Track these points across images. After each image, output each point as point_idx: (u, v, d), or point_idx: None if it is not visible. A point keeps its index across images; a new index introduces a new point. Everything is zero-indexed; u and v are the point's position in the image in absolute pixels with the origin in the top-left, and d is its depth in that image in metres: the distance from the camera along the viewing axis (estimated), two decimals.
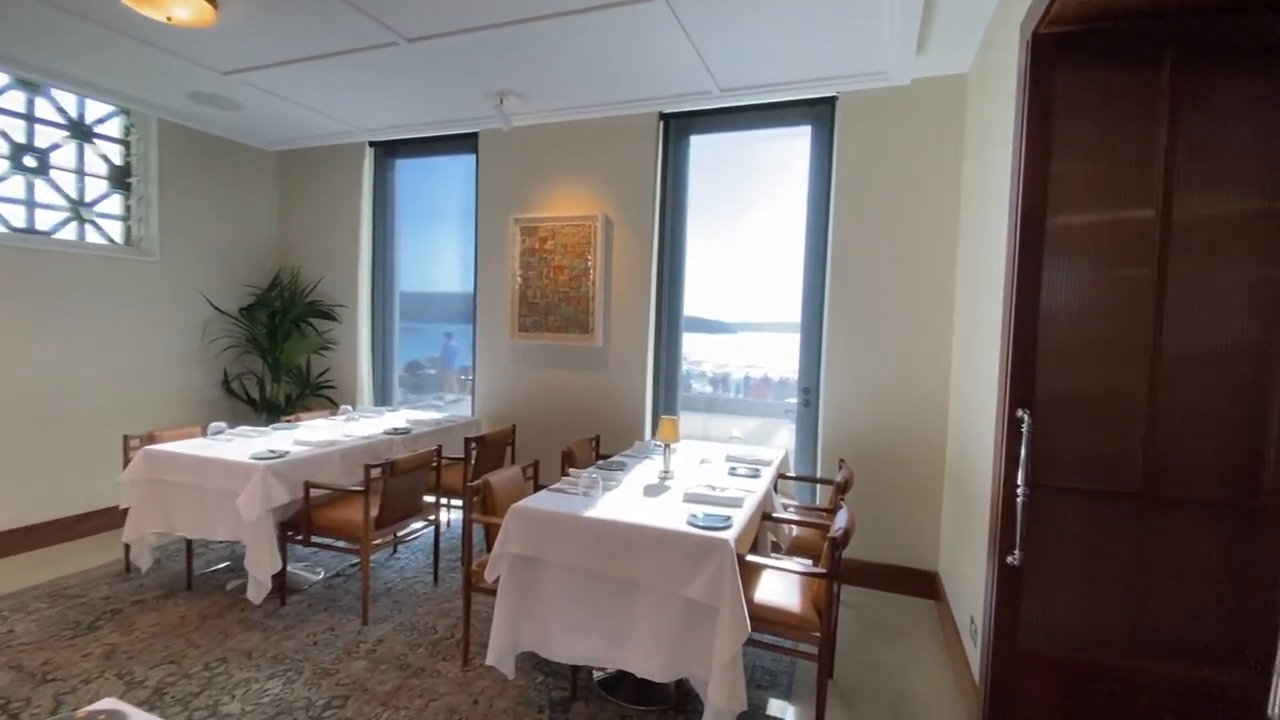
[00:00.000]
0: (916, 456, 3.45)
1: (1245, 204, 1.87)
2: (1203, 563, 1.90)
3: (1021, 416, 1.95)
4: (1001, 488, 2.04)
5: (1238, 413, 1.86)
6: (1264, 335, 1.83)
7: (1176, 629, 1.94)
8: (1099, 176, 1.96)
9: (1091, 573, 2.00)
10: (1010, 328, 2.03)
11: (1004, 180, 2.27)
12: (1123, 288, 1.93)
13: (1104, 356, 1.94)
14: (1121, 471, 1.93)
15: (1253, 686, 1.86)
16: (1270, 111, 1.82)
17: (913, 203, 3.43)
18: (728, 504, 2.41)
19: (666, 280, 4.15)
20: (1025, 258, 1.99)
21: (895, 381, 3.48)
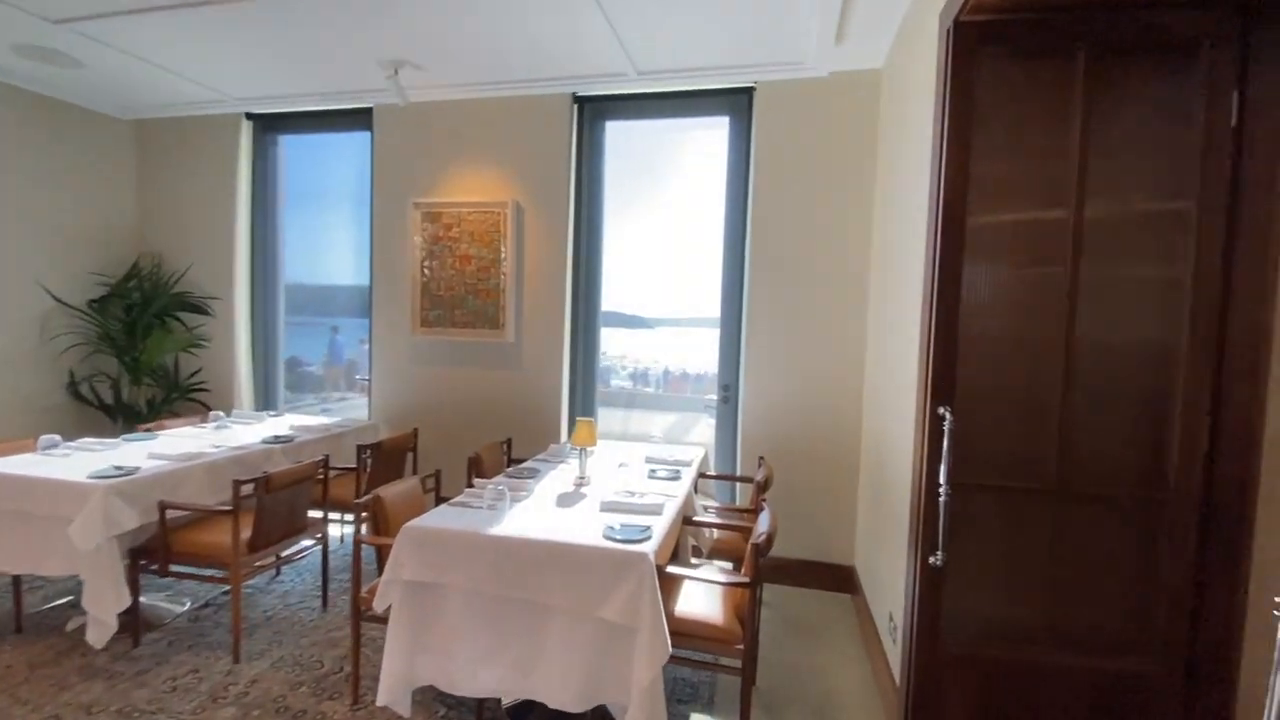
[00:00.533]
0: (833, 452, 3.45)
1: (1150, 205, 1.91)
2: (1114, 556, 1.94)
3: (943, 414, 1.91)
4: (923, 487, 2.00)
5: (1144, 409, 1.90)
6: (1167, 334, 1.88)
7: (1090, 621, 1.97)
8: (1018, 176, 1.95)
9: (1009, 569, 2.00)
10: (931, 326, 1.98)
11: (922, 177, 2.24)
12: (1038, 287, 1.93)
13: (1021, 355, 1.93)
14: (1037, 468, 1.94)
15: (1160, 674, 1.92)
16: (1173, 111, 1.86)
17: (829, 199, 3.41)
18: (647, 512, 2.25)
19: (583, 272, 3.95)
20: (947, 256, 1.95)
21: (812, 377, 3.46)
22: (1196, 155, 1.83)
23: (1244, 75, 1.79)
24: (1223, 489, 1.85)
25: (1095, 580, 1.94)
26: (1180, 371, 1.85)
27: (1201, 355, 1.84)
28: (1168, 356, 1.87)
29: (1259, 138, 1.79)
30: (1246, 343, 1.82)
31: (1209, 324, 1.84)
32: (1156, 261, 1.88)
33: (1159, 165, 1.86)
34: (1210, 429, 1.85)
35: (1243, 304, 1.82)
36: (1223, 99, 1.80)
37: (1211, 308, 1.84)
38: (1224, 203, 1.82)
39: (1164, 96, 1.86)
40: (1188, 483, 1.86)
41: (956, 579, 2.01)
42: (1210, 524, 1.86)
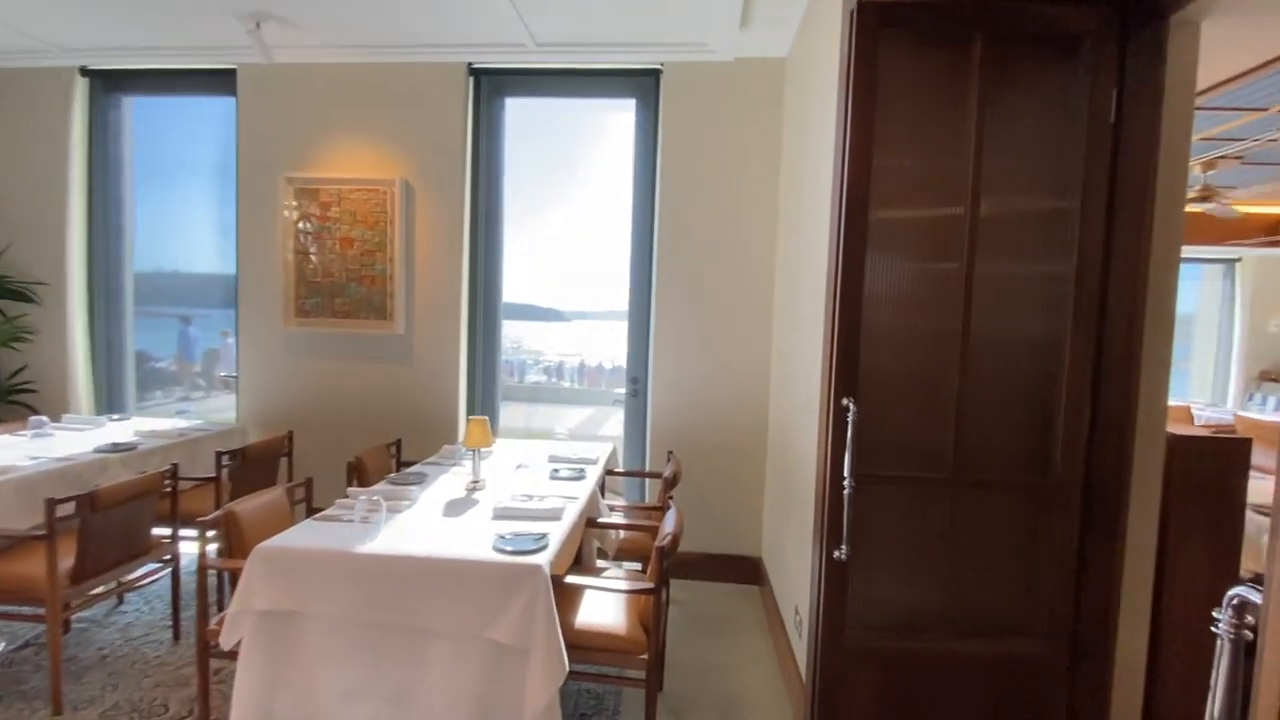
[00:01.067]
0: (740, 444, 3.41)
1: (1040, 201, 1.94)
2: (1006, 542, 1.97)
3: (847, 406, 1.87)
4: (827, 479, 1.95)
5: (1033, 398, 1.95)
6: (1054, 327, 1.92)
7: (985, 607, 2.00)
8: (919, 168, 1.93)
9: (911, 559, 2.00)
10: (835, 316, 1.93)
11: (826, 166, 2.18)
12: (936, 281, 1.92)
13: (922, 347, 1.92)
14: (936, 458, 1.93)
15: (1048, 654, 1.98)
16: (1061, 106, 1.90)
17: (737, 189, 3.35)
18: (544, 518, 2.08)
19: (482, 259, 3.68)
20: (850, 246, 1.90)
21: (721, 368, 3.41)
22: (1081, 151, 1.87)
23: (1123, 73, 1.85)
24: (1101, 473, 1.92)
25: (990, 566, 1.97)
26: (1065, 361, 1.91)
27: (1083, 345, 1.90)
28: (1055, 347, 1.92)
29: (1135, 134, 1.85)
30: (1122, 333, 1.89)
31: (1090, 316, 1.90)
32: (1046, 256, 1.92)
33: (1048, 159, 1.89)
34: (1090, 416, 1.92)
35: (1119, 296, 1.89)
36: (1103, 96, 1.85)
37: (1092, 300, 1.90)
38: (1105, 199, 1.88)
39: (1053, 91, 1.89)
40: (1071, 468, 1.92)
41: (861, 571, 1.99)
42: (1090, 507, 1.93)
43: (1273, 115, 3.79)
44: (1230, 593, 0.84)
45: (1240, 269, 7.21)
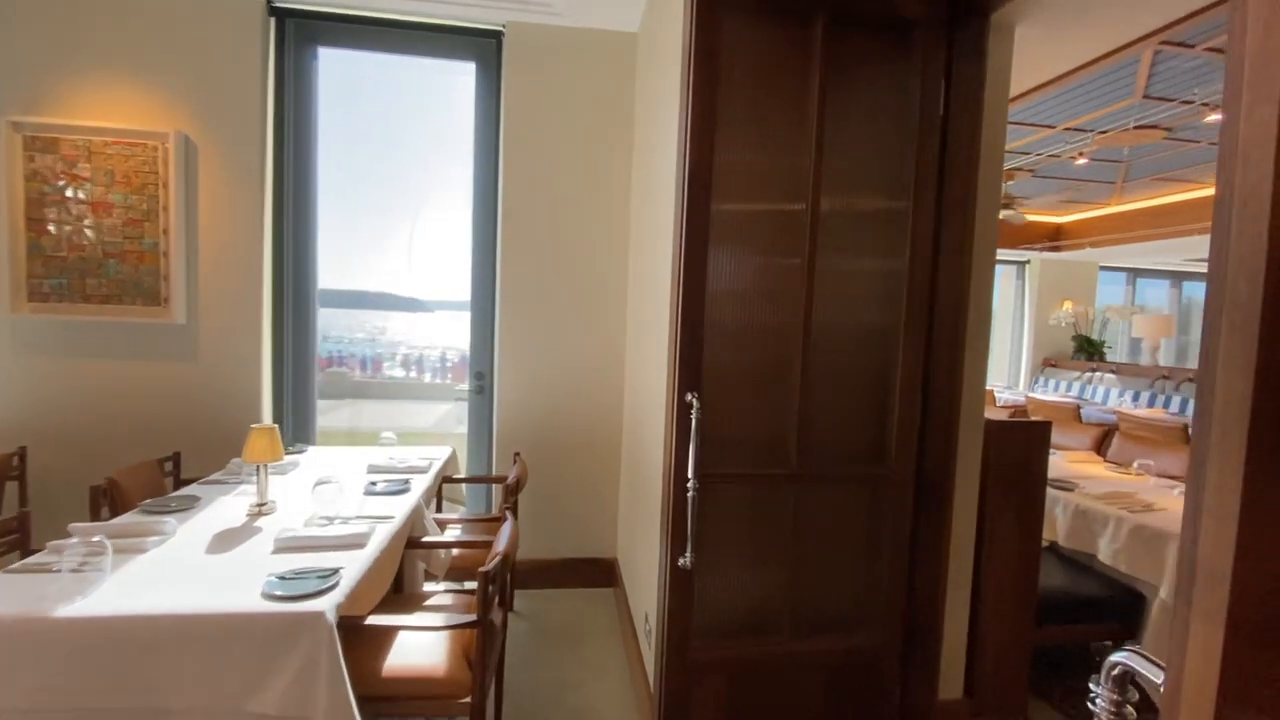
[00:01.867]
0: (595, 441, 3.22)
1: (872, 203, 1.92)
2: (847, 537, 1.95)
3: (691, 401, 1.72)
4: (672, 480, 1.81)
5: (872, 392, 1.93)
6: (888, 321, 1.92)
7: (829, 604, 1.97)
8: (761, 160, 1.83)
9: (756, 560, 1.91)
10: (679, 309, 1.78)
11: (671, 152, 2.02)
12: (780, 275, 1.84)
13: (766, 341, 1.83)
14: (781, 453, 1.86)
15: (885, 646, 1.99)
16: (898, 95, 1.89)
17: (587, 171, 3.13)
18: (344, 545, 1.73)
19: (291, 236, 3.13)
20: (693, 236, 1.75)
21: (573, 361, 3.19)
22: (914, 140, 1.88)
23: (950, 67, 1.87)
24: (931, 461, 1.96)
25: (833, 562, 1.95)
26: (899, 353, 1.91)
27: (915, 337, 1.92)
28: (890, 340, 1.92)
29: (960, 130, 1.89)
30: (949, 325, 1.93)
31: (921, 308, 1.92)
32: (883, 249, 1.91)
33: (887, 148, 1.88)
34: (921, 406, 1.95)
35: (946, 289, 1.93)
36: (934, 87, 1.86)
37: (923, 293, 1.92)
38: (935, 191, 1.90)
39: (891, 80, 1.87)
40: (904, 457, 1.94)
41: (708, 576, 1.87)
42: (922, 495, 1.97)
43: (1059, 133, 4.30)
44: (1111, 659, 0.69)
45: (1029, 270, 8.33)
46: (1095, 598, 2.43)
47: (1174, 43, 2.83)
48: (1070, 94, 3.51)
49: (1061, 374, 7.88)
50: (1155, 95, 3.48)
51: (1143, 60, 3.02)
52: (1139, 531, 2.39)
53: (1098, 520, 2.58)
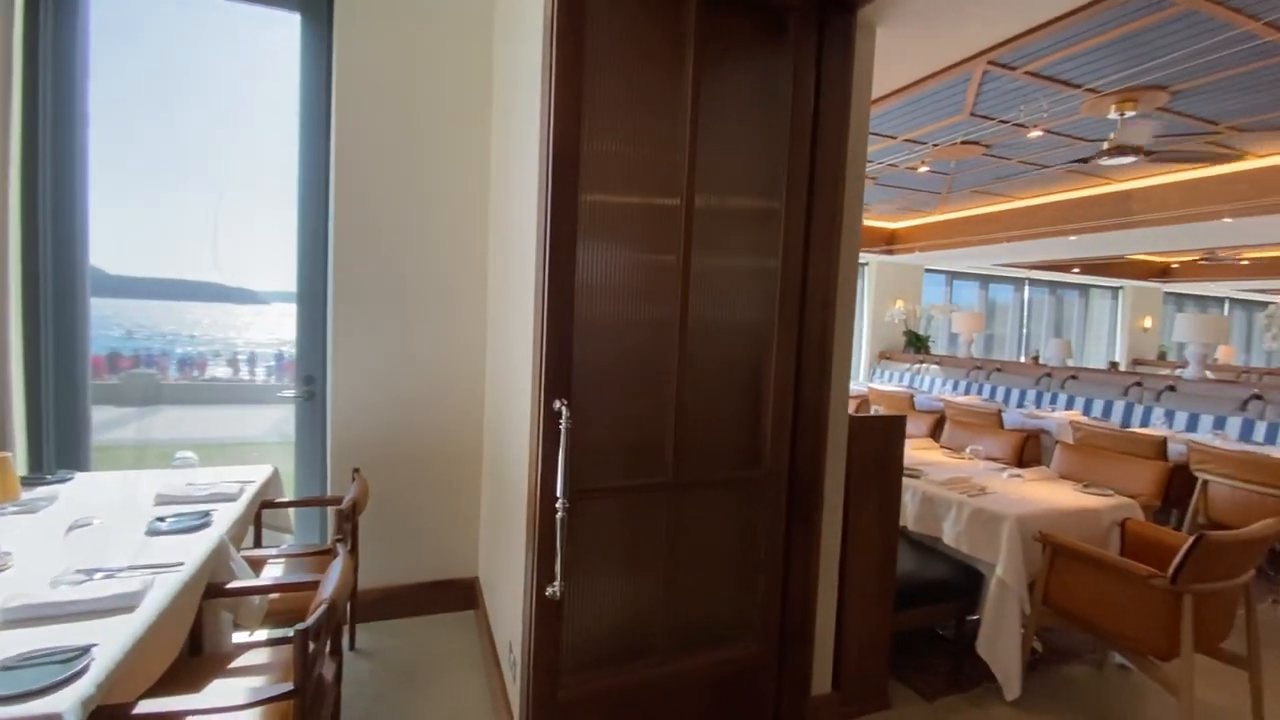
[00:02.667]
0: (451, 452, 2.91)
1: (746, 198, 1.85)
2: (725, 543, 1.86)
3: (559, 409, 1.53)
4: (538, 499, 1.60)
5: (748, 392, 1.86)
6: (762, 319, 1.86)
7: (707, 616, 1.86)
8: (634, 153, 1.68)
9: (633, 578, 1.76)
10: (545, 307, 1.57)
11: (533, 134, 1.80)
12: (655, 272, 1.70)
13: (641, 342, 1.68)
14: (657, 461, 1.72)
15: (763, 649, 1.93)
16: (772, 84, 1.82)
17: (438, 150, 2.79)
18: (103, 611, 1.32)
19: (49, 207, 2.47)
20: (559, 231, 1.55)
21: (423, 364, 2.84)
22: (787, 134, 1.82)
23: (821, 61, 1.84)
24: (803, 459, 1.93)
25: (710, 571, 1.85)
26: (773, 352, 1.86)
27: (788, 336, 1.87)
28: (765, 339, 1.85)
29: (831, 122, 1.86)
30: (818, 323, 1.91)
31: (793, 306, 1.88)
32: (757, 246, 1.84)
33: (758, 140, 1.80)
34: (794, 404, 1.91)
35: (816, 286, 1.90)
36: (806, 76, 1.81)
37: (795, 290, 1.88)
38: (807, 186, 1.87)
39: (763, 70, 1.80)
40: (778, 457, 1.90)
41: (579, 603, 1.69)
42: (794, 497, 1.93)
43: (899, 143, 4.64)
44: None
45: (869, 271, 9.10)
46: (942, 579, 2.59)
47: (1000, 64, 3.12)
48: (911, 106, 3.78)
49: (895, 366, 8.70)
50: (980, 113, 3.85)
51: (973, 78, 3.30)
52: (977, 515, 2.58)
53: (941, 505, 2.76)
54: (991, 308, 10.92)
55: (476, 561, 3.01)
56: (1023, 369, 7.03)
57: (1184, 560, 1.98)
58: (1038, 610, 2.43)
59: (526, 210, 1.88)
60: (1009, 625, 2.41)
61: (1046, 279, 10.80)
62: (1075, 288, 11.30)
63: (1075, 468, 3.69)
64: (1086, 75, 3.25)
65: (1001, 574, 2.42)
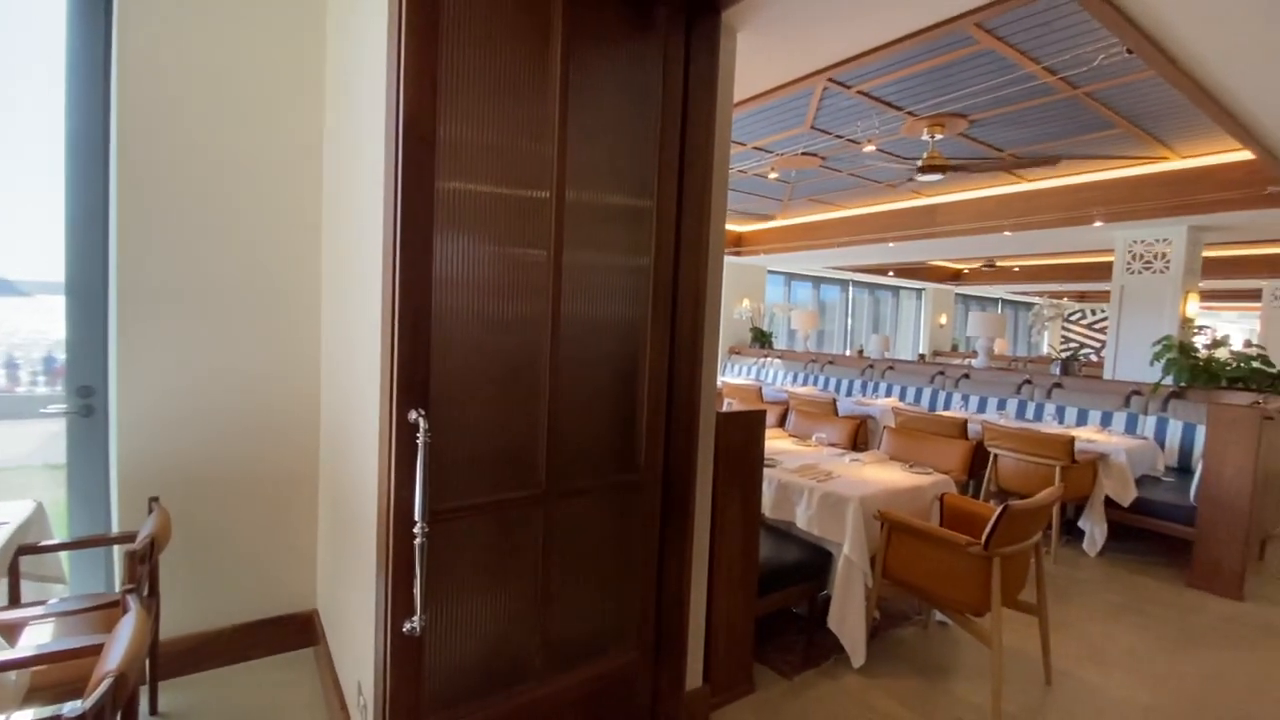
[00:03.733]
0: (282, 471, 2.53)
1: (619, 193, 1.78)
2: (601, 552, 1.79)
3: (416, 421, 1.35)
4: (392, 525, 1.41)
5: (622, 392, 1.80)
6: (636, 317, 1.81)
7: (584, 629, 1.78)
8: (500, 142, 1.53)
9: (502, 601, 1.63)
10: (396, 308, 1.38)
11: (379, 112, 1.58)
12: (525, 270, 1.58)
13: (509, 344, 1.55)
14: (528, 471, 1.61)
15: (639, 658, 1.89)
16: (643, 77, 1.77)
17: (257, 123, 2.40)
18: None
19: None
20: (412, 222, 1.38)
21: (241, 371, 2.43)
22: (657, 129, 1.79)
23: (689, 58, 1.83)
24: (676, 461, 1.92)
25: (586, 583, 1.77)
26: (647, 352, 1.82)
27: (661, 335, 1.85)
28: (638, 338, 1.81)
29: (699, 119, 1.86)
30: (689, 321, 1.91)
31: (665, 305, 1.86)
32: (629, 243, 1.79)
33: (629, 133, 1.75)
34: (667, 404, 1.89)
35: (686, 284, 1.90)
36: (675, 73, 1.79)
37: (667, 289, 1.86)
38: (676, 184, 1.85)
39: (634, 63, 1.74)
40: (653, 460, 1.87)
41: (442, 634, 1.53)
42: (668, 498, 1.92)
43: (749, 150, 4.89)
44: None
45: None
46: (797, 562, 2.76)
47: (838, 82, 3.38)
48: (759, 115, 3.98)
49: (744, 360, 9.25)
50: (820, 127, 4.16)
51: (815, 93, 3.55)
52: (825, 499, 2.77)
53: (794, 492, 2.93)
54: (823, 306, 12.04)
55: (315, 592, 2.65)
56: (850, 361, 7.82)
57: (994, 528, 2.27)
58: (878, 582, 2.66)
59: (372, 198, 1.65)
60: (855, 599, 2.62)
61: (867, 281, 12.14)
62: (889, 289, 12.83)
63: (900, 449, 4.14)
64: (906, 99, 3.64)
65: (848, 552, 2.63)
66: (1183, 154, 4.44)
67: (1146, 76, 3.09)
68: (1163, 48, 2.31)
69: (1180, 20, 2.16)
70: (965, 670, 2.63)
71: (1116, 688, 2.53)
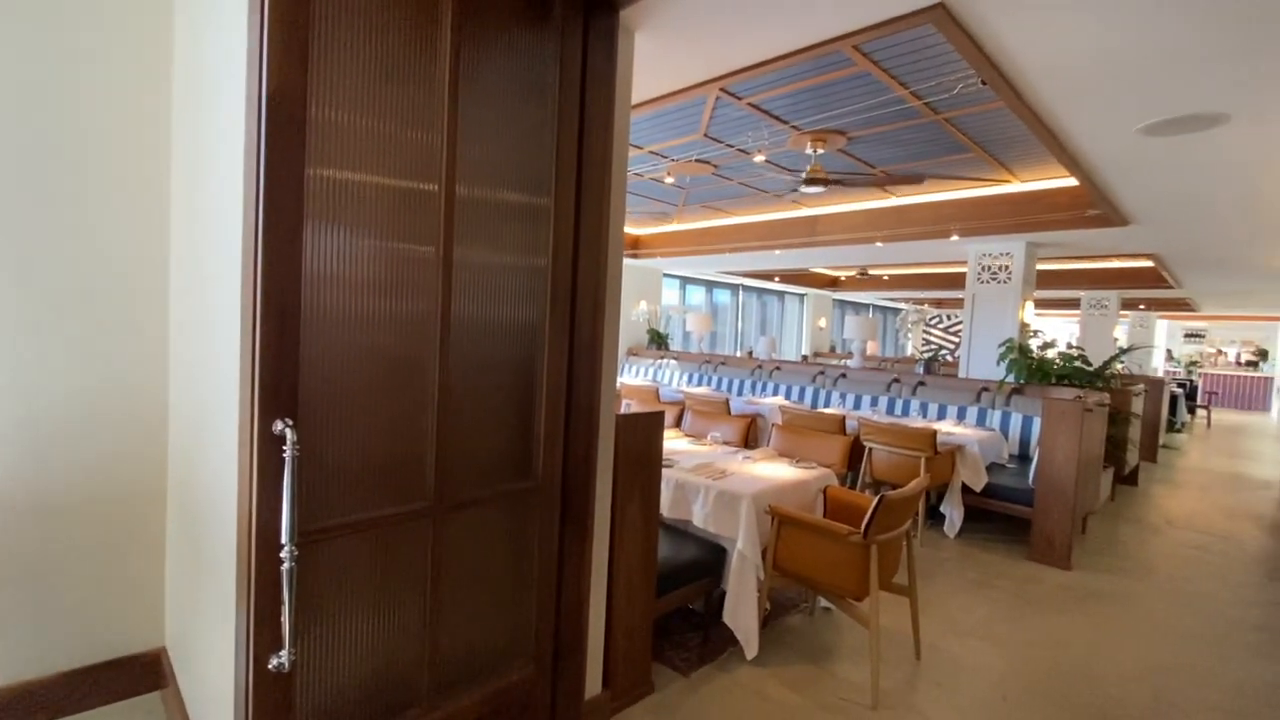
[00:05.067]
0: (118, 491, 2.19)
1: (516, 195, 1.71)
2: (494, 565, 1.71)
3: (282, 432, 1.22)
4: (254, 549, 1.26)
5: (518, 395, 1.73)
6: (533, 319, 1.75)
7: (479, 647, 1.69)
8: (382, 129, 1.41)
9: (386, 624, 1.51)
10: (257, 305, 1.23)
11: (237, 80, 1.41)
12: (411, 266, 1.47)
13: (392, 346, 1.43)
14: (415, 481, 1.50)
15: (538, 671, 1.82)
16: (538, 70, 1.71)
17: (90, 81, 2.07)
18: None
19: None
20: (278, 207, 1.23)
21: (68, 376, 2.09)
22: (554, 126, 1.74)
23: (587, 52, 1.79)
24: (575, 465, 1.88)
25: (481, 599, 1.68)
26: (545, 354, 1.77)
27: (560, 337, 1.80)
28: (536, 339, 1.75)
29: (596, 115, 1.83)
30: (588, 321, 1.88)
31: (564, 306, 1.81)
32: (526, 242, 1.72)
33: (523, 131, 1.69)
34: (566, 407, 1.85)
35: (585, 285, 1.86)
36: (572, 66, 1.75)
37: (566, 289, 1.81)
38: (574, 181, 1.81)
39: (527, 55, 1.68)
40: (551, 463, 1.82)
41: (319, 664, 1.38)
42: (567, 504, 1.87)
43: (645, 154, 4.93)
44: None
45: None
46: (694, 559, 2.81)
47: (730, 92, 3.48)
48: (656, 119, 4.03)
49: (641, 361, 9.36)
50: (713, 135, 4.28)
51: (708, 102, 3.64)
52: (721, 496, 2.85)
53: (691, 490, 2.99)
54: (715, 309, 12.47)
55: (163, 628, 2.33)
56: (741, 362, 8.14)
57: (872, 517, 2.43)
58: (769, 574, 2.77)
59: (230, 184, 1.47)
60: (748, 592, 2.70)
61: (756, 286, 12.72)
62: (775, 294, 13.52)
63: (787, 445, 4.35)
64: (792, 114, 3.83)
65: (741, 547, 2.71)
66: (1023, 178, 5.03)
67: (996, 107, 3.46)
68: (1010, 81, 2.59)
69: (1024, 62, 2.44)
70: (847, 652, 2.81)
71: (974, 656, 2.80)
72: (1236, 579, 3.92)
